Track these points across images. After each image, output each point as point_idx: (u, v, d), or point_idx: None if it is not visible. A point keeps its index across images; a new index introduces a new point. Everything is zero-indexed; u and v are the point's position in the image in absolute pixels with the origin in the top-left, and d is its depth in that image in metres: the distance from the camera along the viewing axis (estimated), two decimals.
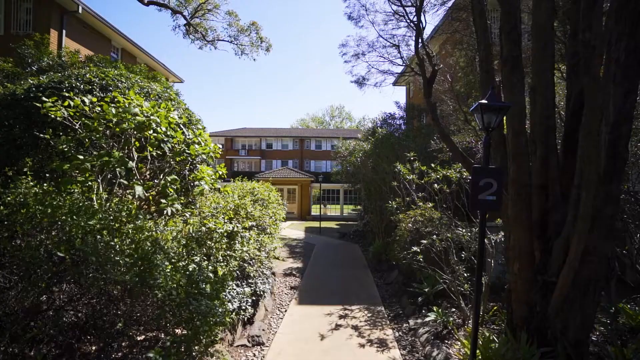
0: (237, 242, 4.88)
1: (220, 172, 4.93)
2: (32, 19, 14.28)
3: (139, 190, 3.39)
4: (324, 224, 19.01)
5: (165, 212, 3.69)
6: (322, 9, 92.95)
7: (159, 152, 4.24)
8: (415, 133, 10.92)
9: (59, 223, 3.05)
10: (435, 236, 5.86)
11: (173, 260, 3.52)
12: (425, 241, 5.61)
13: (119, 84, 5.24)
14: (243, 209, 5.54)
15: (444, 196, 6.24)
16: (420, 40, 5.36)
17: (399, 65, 8.00)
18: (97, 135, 3.46)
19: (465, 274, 5.47)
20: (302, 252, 12.11)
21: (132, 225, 3.35)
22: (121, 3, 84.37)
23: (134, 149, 4.01)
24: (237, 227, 5.02)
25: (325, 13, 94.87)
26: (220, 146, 5.54)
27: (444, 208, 6.20)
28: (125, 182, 3.45)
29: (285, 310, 6.08)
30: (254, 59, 21.47)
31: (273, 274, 7.45)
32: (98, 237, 3.07)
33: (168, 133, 3.75)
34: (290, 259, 10.83)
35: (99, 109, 3.65)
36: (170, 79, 23.74)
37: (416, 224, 6.32)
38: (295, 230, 18.18)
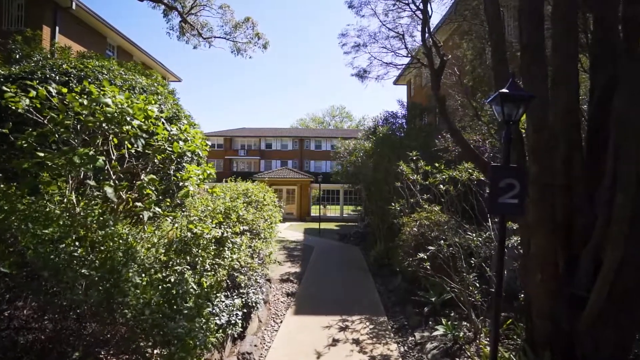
0: (226, 248, 4.44)
1: (209, 172, 4.49)
2: (24, 15, 13.85)
3: (109, 191, 2.96)
4: (324, 225, 18.58)
5: (141, 216, 3.25)
6: (321, 4, 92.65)
7: (139, 149, 3.81)
8: (418, 132, 10.50)
9: (12, 231, 2.62)
10: (442, 241, 5.44)
11: (150, 272, 3.09)
12: (432, 248, 5.18)
13: (99, 76, 4.82)
14: (234, 212, 5.10)
15: (450, 198, 5.81)
16: (427, 29, 4.93)
17: (403, 56, 7.56)
18: (62, 130, 3.03)
19: (477, 283, 5.04)
20: (301, 255, 11.67)
21: (102, 232, 2.92)
22: (120, 3, 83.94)
23: (112, 145, 3.58)
24: (227, 232, 4.59)
25: (326, 8, 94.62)
26: (210, 144, 5.10)
27: (452, 211, 5.77)
28: (93, 183, 3.01)
29: (281, 322, 5.64)
30: (250, 57, 21.04)
31: (268, 280, 7.02)
32: (61, 246, 2.63)
33: (144, 127, 3.31)
34: (287, 262, 10.39)
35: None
36: (168, 77, 23.35)
37: (422, 228, 5.88)
38: (294, 232, 17.74)
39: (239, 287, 4.82)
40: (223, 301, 4.26)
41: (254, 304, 4.89)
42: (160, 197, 4.72)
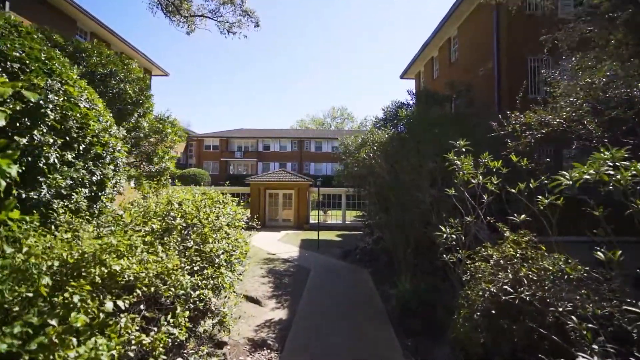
0: None
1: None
2: None
3: None
4: (323, 235, 15.57)
5: None
6: (322, 2, 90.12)
7: None
8: (455, 118, 7.48)
9: None
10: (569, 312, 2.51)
11: None
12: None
13: None
14: (102, 265, 2.13)
15: (602, 224, 2.87)
16: None
17: None
18: None
19: None
20: (291, 283, 8.68)
21: None
22: (116, 3, 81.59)
23: None
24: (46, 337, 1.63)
25: (327, 6, 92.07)
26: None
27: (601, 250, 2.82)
28: None
29: None
30: (245, 36, 18.46)
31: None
32: None
33: None
34: (272, 299, 7.41)
35: None
36: (153, 71, 20.80)
37: (518, 284, 2.90)
38: (288, 245, 14.76)
39: None
40: None
41: None
42: None
